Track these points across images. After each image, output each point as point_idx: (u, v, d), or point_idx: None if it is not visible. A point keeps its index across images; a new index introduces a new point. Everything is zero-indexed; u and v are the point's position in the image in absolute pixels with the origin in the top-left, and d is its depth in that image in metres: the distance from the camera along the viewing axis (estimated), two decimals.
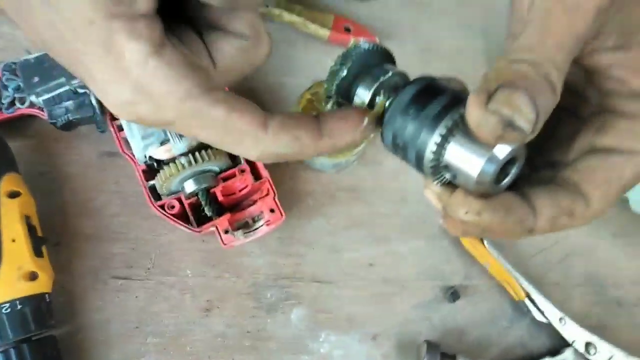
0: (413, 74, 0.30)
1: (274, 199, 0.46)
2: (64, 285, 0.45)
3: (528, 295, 0.50)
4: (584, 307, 0.52)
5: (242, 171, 0.46)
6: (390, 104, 0.26)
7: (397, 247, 0.51)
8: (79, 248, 0.46)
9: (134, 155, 0.45)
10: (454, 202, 0.25)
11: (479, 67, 0.60)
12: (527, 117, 0.21)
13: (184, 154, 0.43)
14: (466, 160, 0.23)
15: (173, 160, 0.43)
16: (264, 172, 0.47)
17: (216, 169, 0.45)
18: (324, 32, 0.56)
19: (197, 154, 0.43)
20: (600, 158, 0.25)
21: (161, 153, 0.43)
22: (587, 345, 0.49)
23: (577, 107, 0.28)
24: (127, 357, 0.44)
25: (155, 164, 0.44)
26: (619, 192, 0.25)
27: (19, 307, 0.39)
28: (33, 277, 0.41)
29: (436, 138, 0.23)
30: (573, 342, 0.49)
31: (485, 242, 0.50)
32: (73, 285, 0.45)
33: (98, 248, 0.47)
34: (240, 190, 0.46)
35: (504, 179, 0.24)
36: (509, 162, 0.24)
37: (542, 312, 0.49)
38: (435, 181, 0.25)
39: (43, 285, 0.41)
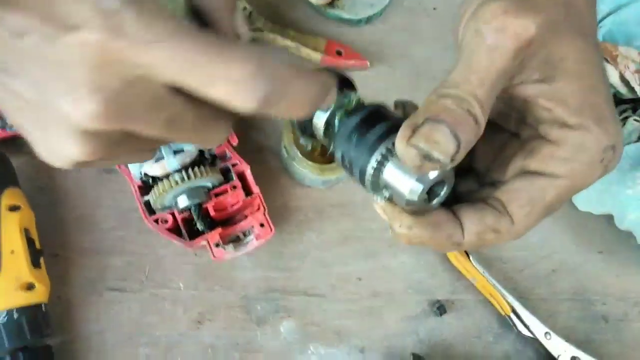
0: (403, 97, 0.33)
1: (264, 214, 0.48)
2: (60, 295, 0.47)
3: (514, 310, 0.50)
4: (571, 322, 0.53)
5: (234, 187, 0.47)
6: (339, 128, 0.28)
7: (385, 261, 0.53)
8: (75, 260, 0.48)
9: (130, 172, 0.47)
10: (391, 217, 0.28)
11: None
12: (445, 150, 0.24)
13: (178, 171, 0.45)
14: (399, 182, 0.26)
15: (167, 176, 0.45)
16: (255, 188, 0.48)
17: (209, 184, 0.47)
18: (317, 56, 0.58)
19: (190, 170, 0.45)
20: (526, 180, 0.27)
21: (156, 169, 0.45)
22: (573, 359, 0.50)
23: (520, 131, 0.30)
24: None
25: (150, 180, 0.46)
26: (542, 213, 0.28)
27: (15, 316, 0.41)
28: (30, 287, 0.42)
29: (374, 162, 0.26)
30: (558, 356, 0.50)
31: (471, 258, 0.51)
32: (69, 296, 0.47)
33: (94, 260, 0.48)
34: (232, 206, 0.48)
35: (434, 198, 0.27)
36: (438, 183, 0.27)
37: (527, 327, 0.50)
38: (378, 197, 0.28)
39: (40, 295, 0.43)
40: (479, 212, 0.28)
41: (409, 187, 0.26)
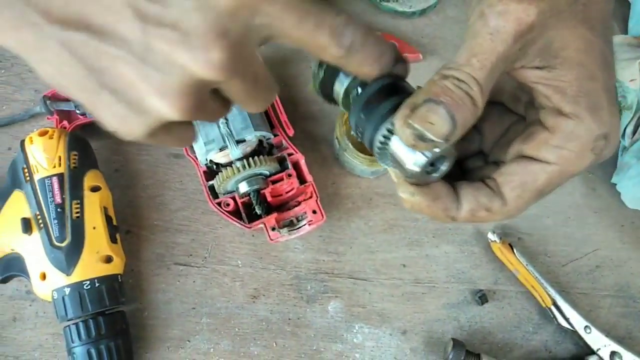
0: None
1: (316, 201, 0.51)
2: (133, 268, 0.52)
3: (554, 303, 0.52)
4: (612, 318, 0.54)
5: (289, 175, 0.51)
6: (354, 98, 0.30)
7: (429, 250, 0.55)
8: (146, 237, 0.53)
9: (196, 158, 0.51)
10: (397, 183, 0.30)
11: None
12: (439, 131, 0.25)
13: (240, 159, 0.49)
14: (402, 155, 0.28)
15: (230, 164, 0.49)
16: (309, 177, 0.52)
17: (266, 172, 0.51)
18: None
19: (250, 159, 0.48)
20: (521, 164, 0.29)
21: (220, 157, 0.49)
22: (612, 354, 0.51)
23: (527, 115, 0.31)
24: (184, 333, 0.50)
25: (214, 167, 0.50)
26: (533, 197, 0.29)
27: (97, 284, 0.46)
28: (109, 260, 0.47)
29: (380, 135, 0.28)
30: (598, 350, 0.51)
31: (515, 250, 0.53)
32: (140, 268, 0.52)
33: (163, 237, 0.53)
34: (286, 192, 0.51)
35: (434, 172, 0.29)
36: (439, 158, 0.28)
37: (567, 320, 0.51)
38: (386, 165, 0.30)
39: (116, 267, 0.48)
40: (475, 190, 0.29)
41: (411, 160, 0.27)
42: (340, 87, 0.31)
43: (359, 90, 0.30)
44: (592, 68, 0.27)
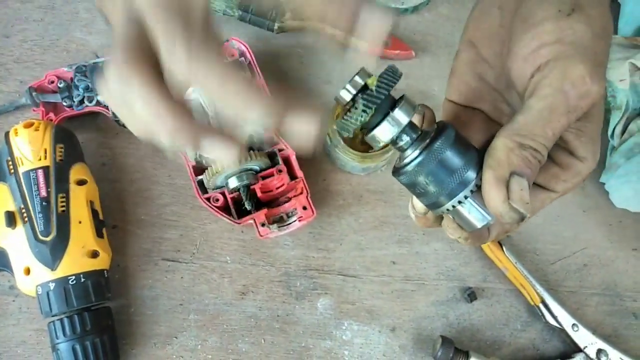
0: (445, 85, 0.35)
1: (306, 197, 0.51)
2: (119, 263, 0.51)
3: (543, 301, 0.52)
4: (599, 316, 0.55)
5: (280, 171, 0.50)
6: (422, 151, 0.29)
7: (419, 248, 0.55)
8: (133, 232, 0.52)
9: (185, 152, 0.50)
10: (453, 230, 0.32)
11: None
12: (529, 208, 0.27)
13: None
14: (474, 216, 0.30)
15: None
16: (299, 173, 0.51)
17: (257, 168, 0.50)
18: (364, 45, 0.60)
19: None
20: (532, 192, 0.31)
21: None
22: (599, 352, 0.51)
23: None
24: (171, 330, 0.50)
25: (203, 161, 0.50)
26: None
27: (82, 280, 0.45)
28: (95, 255, 0.47)
29: (458, 199, 0.29)
30: (585, 348, 0.51)
31: (504, 248, 0.53)
32: (127, 264, 0.51)
33: (150, 233, 0.52)
34: (277, 188, 0.51)
35: None
36: None
37: (555, 318, 0.52)
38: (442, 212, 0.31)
39: (103, 262, 0.47)
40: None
41: (480, 220, 0.30)
42: (389, 131, 0.29)
43: (408, 138, 0.30)
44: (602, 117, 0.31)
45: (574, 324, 0.52)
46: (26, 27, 0.58)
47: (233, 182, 0.49)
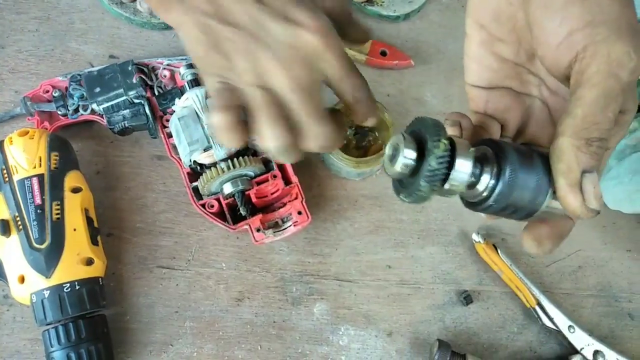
0: (437, 91, 0.35)
1: (301, 202, 0.51)
2: (114, 271, 0.51)
3: (539, 303, 0.52)
4: (595, 318, 0.55)
5: (275, 176, 0.51)
6: (496, 182, 0.29)
7: (414, 252, 0.55)
8: (128, 239, 0.52)
9: (180, 159, 0.51)
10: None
11: None
12: (602, 202, 0.28)
13: (224, 160, 0.48)
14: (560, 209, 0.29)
15: (214, 164, 0.49)
16: (294, 178, 0.52)
17: (251, 173, 0.50)
18: (361, 57, 0.61)
19: (235, 159, 0.48)
20: None
21: (204, 158, 0.49)
22: (595, 353, 0.51)
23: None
24: (167, 337, 0.49)
25: (198, 168, 0.50)
26: None
27: (77, 287, 0.45)
28: (89, 262, 0.46)
29: (541, 210, 0.29)
30: (581, 349, 0.51)
31: (499, 251, 0.53)
32: (122, 272, 0.51)
33: (145, 240, 0.52)
34: (272, 194, 0.51)
35: None
36: None
37: (551, 320, 0.52)
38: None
39: (98, 270, 0.47)
40: None
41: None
42: (460, 184, 0.28)
43: (475, 175, 0.29)
44: None
45: (570, 326, 0.52)
46: (21, 37, 0.58)
47: (228, 188, 0.49)
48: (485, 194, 0.29)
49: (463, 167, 0.28)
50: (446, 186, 0.28)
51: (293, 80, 0.36)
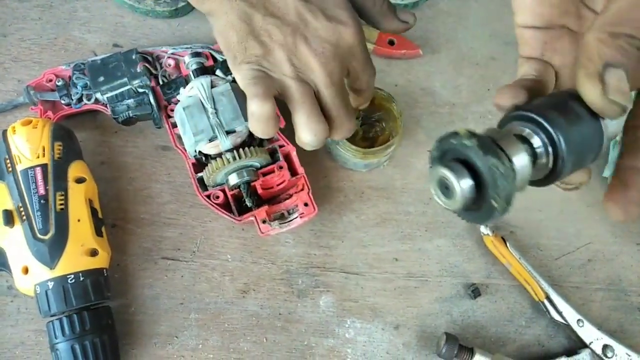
0: (446, 81, 0.34)
1: (308, 194, 0.50)
2: (119, 263, 0.51)
3: (547, 297, 0.51)
4: (604, 312, 0.54)
5: (281, 167, 0.50)
6: (555, 144, 0.27)
7: (421, 244, 0.54)
8: (133, 230, 0.52)
9: (185, 150, 0.50)
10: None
11: (511, 76, 0.62)
12: (629, 98, 0.25)
13: (230, 150, 0.48)
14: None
15: (220, 155, 0.48)
16: (300, 169, 0.51)
17: (257, 164, 0.50)
18: (369, 46, 0.59)
19: (241, 150, 0.47)
20: None
21: (209, 148, 0.48)
22: (605, 347, 0.50)
23: None
24: (172, 329, 0.49)
25: (203, 158, 0.49)
26: None
27: (81, 278, 0.45)
28: (94, 253, 0.46)
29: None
30: (590, 343, 0.51)
31: (507, 244, 0.53)
32: (127, 263, 0.51)
33: (150, 231, 0.52)
34: (278, 185, 0.50)
35: None
36: None
37: (560, 314, 0.51)
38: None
39: (102, 261, 0.46)
40: None
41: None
42: (524, 169, 0.26)
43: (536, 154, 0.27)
44: None
45: (579, 320, 0.51)
46: (24, 26, 0.57)
47: (233, 179, 0.48)
48: (550, 164, 0.27)
49: (522, 162, 0.26)
50: (517, 184, 0.26)
51: (329, 77, 0.39)
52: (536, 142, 0.27)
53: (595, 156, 0.28)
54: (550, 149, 0.27)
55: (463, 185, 0.26)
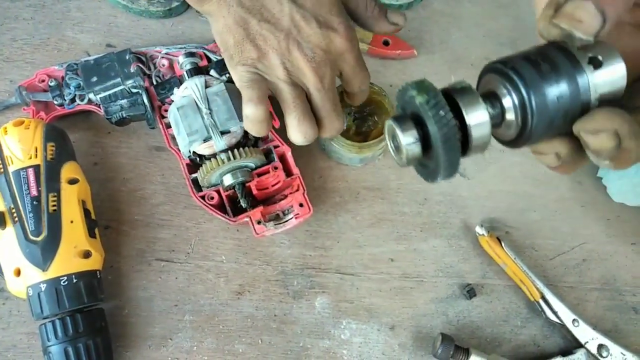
0: (441, 82, 0.33)
1: (303, 194, 0.50)
2: (112, 264, 0.50)
3: (543, 297, 0.52)
4: (599, 311, 0.54)
5: (275, 168, 0.50)
6: (532, 100, 0.25)
7: (417, 245, 0.54)
8: (127, 232, 0.51)
9: (179, 150, 0.50)
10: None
11: None
12: (588, 29, 0.23)
13: (224, 151, 0.47)
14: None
15: (214, 155, 0.48)
16: (295, 170, 0.51)
17: (252, 165, 0.49)
18: (363, 47, 0.59)
19: (235, 150, 0.47)
20: None
21: (204, 149, 0.47)
22: (600, 347, 0.51)
23: None
24: (166, 331, 0.49)
25: (198, 159, 0.49)
26: None
27: (74, 280, 0.44)
28: (87, 255, 0.45)
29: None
30: (586, 343, 0.51)
31: (502, 244, 0.53)
32: (120, 265, 0.50)
33: (144, 233, 0.51)
34: (273, 185, 0.50)
35: None
36: None
37: (555, 314, 0.51)
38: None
39: (95, 263, 0.46)
40: None
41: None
42: (479, 119, 0.25)
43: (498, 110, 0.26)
44: None
45: (574, 320, 0.51)
46: (16, 25, 0.57)
47: (228, 179, 0.48)
48: (519, 122, 0.26)
49: (477, 120, 0.25)
50: (472, 142, 0.25)
51: (320, 81, 0.41)
52: (506, 99, 0.26)
53: (576, 117, 0.26)
54: (518, 105, 0.26)
55: (407, 139, 0.26)
